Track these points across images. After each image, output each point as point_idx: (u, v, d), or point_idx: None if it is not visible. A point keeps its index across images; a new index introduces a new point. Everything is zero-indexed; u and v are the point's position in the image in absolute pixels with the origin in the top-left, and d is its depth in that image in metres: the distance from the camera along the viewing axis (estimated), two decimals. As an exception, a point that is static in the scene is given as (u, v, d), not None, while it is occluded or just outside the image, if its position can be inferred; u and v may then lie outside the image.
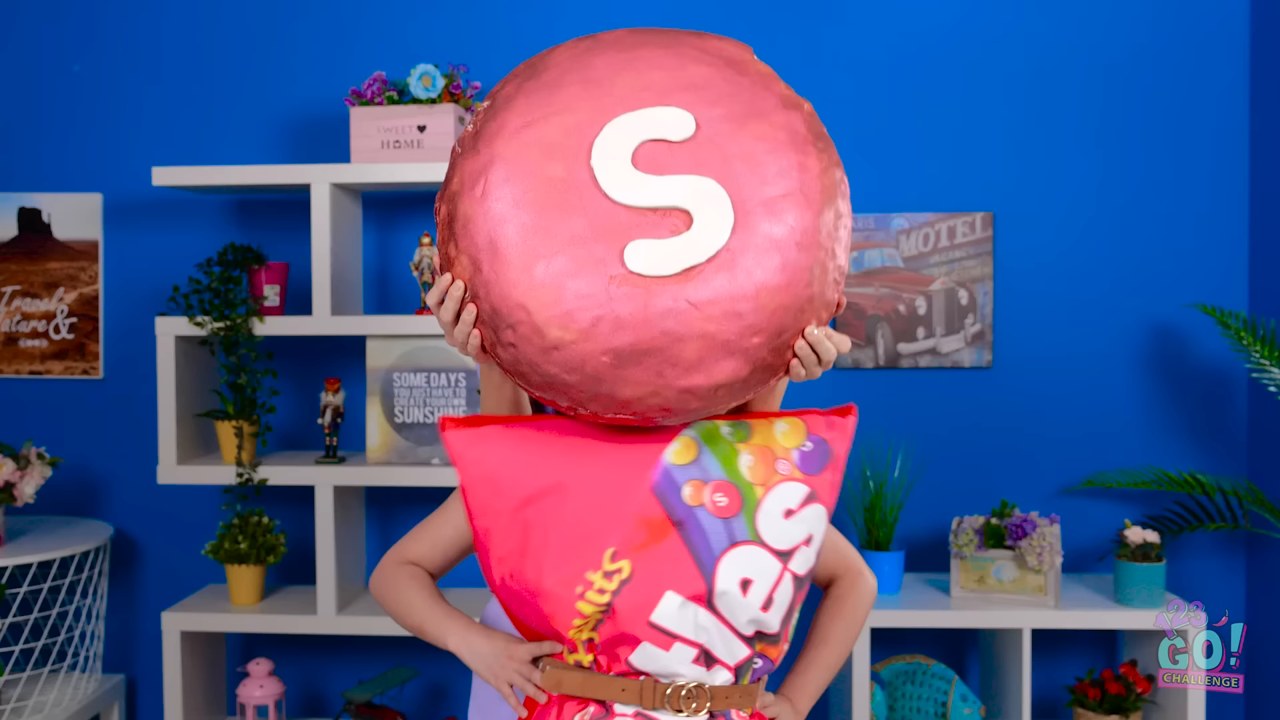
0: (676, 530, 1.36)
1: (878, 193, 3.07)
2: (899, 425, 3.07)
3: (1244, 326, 2.83)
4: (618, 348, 1.28)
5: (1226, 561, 3.07)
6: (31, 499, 2.81)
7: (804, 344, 1.35)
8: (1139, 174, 3.05)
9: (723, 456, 1.39)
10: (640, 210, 1.30)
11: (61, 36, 3.16)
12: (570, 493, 1.37)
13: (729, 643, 1.38)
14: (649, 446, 1.39)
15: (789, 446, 1.42)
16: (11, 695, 2.87)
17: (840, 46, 3.07)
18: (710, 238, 1.28)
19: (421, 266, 2.86)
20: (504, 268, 1.29)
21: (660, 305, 1.27)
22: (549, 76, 1.36)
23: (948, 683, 2.81)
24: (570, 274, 1.28)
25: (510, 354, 1.33)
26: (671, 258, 1.28)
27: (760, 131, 1.33)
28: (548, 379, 1.32)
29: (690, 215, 1.29)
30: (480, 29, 3.11)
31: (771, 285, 1.29)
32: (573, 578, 1.35)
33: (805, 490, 1.41)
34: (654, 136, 1.32)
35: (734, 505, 1.37)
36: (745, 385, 1.34)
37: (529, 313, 1.29)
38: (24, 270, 3.18)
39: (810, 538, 1.41)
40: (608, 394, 1.31)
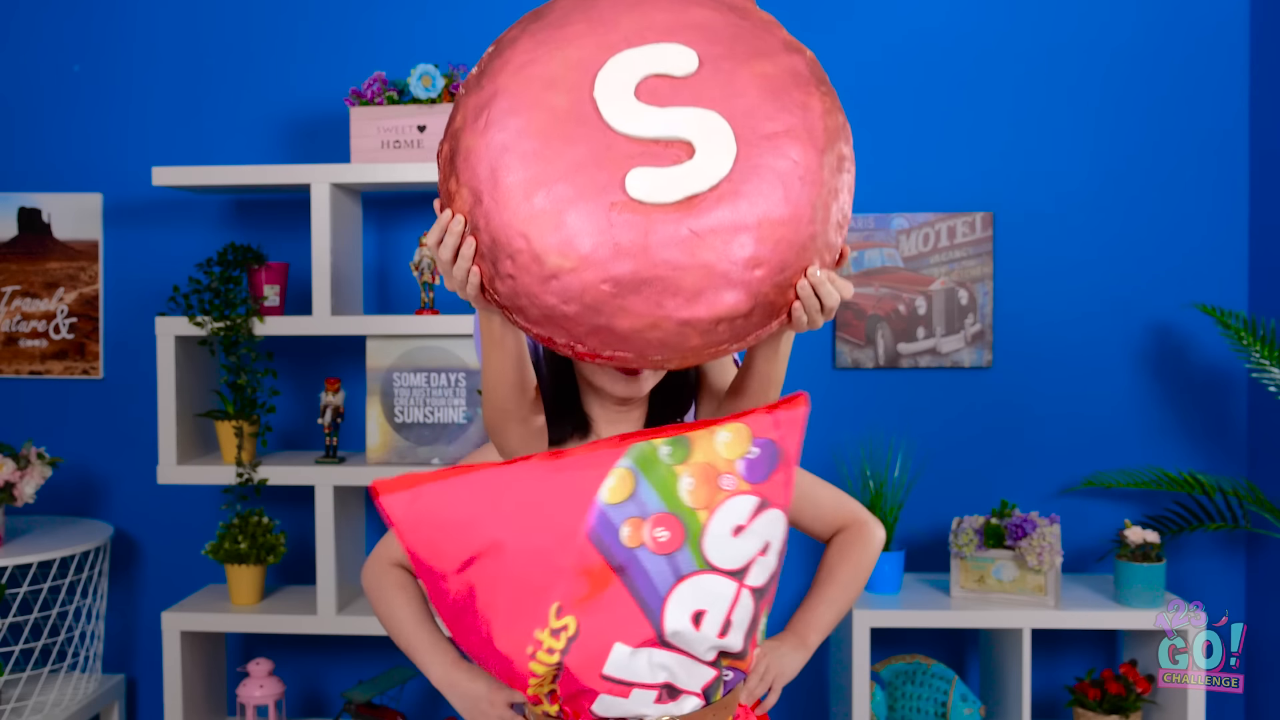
0: (618, 576, 1.30)
1: (878, 193, 3.07)
2: (899, 425, 3.07)
3: (1244, 326, 2.83)
4: (617, 276, 1.26)
5: (1226, 561, 3.07)
6: (31, 499, 2.81)
7: (805, 284, 1.31)
8: (1139, 174, 3.05)
9: (660, 484, 1.32)
10: (642, 140, 1.28)
11: (61, 36, 3.16)
12: (507, 551, 1.31)
13: (692, 671, 1.34)
14: (582, 486, 1.32)
15: (732, 458, 1.35)
16: (11, 695, 2.87)
17: (840, 46, 3.07)
18: (713, 167, 1.27)
19: (421, 266, 2.86)
20: (504, 196, 1.28)
21: (661, 233, 1.26)
22: (554, 17, 1.36)
23: (948, 683, 2.81)
24: (570, 201, 1.26)
25: (509, 285, 1.30)
26: (673, 185, 1.26)
27: (763, 70, 1.32)
28: (546, 311, 1.29)
29: (692, 146, 1.28)
30: (480, 29, 3.11)
31: (774, 217, 1.27)
32: (522, 639, 1.31)
33: (754, 501, 1.34)
34: (657, 71, 1.31)
35: (676, 538, 1.31)
36: (746, 322, 1.31)
37: (528, 240, 1.26)
38: (24, 270, 3.18)
39: (766, 546, 1.36)
40: (606, 325, 1.28)
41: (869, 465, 3.01)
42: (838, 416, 3.08)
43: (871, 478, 2.94)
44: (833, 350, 3.09)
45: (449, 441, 2.86)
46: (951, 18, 3.06)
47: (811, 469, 3.18)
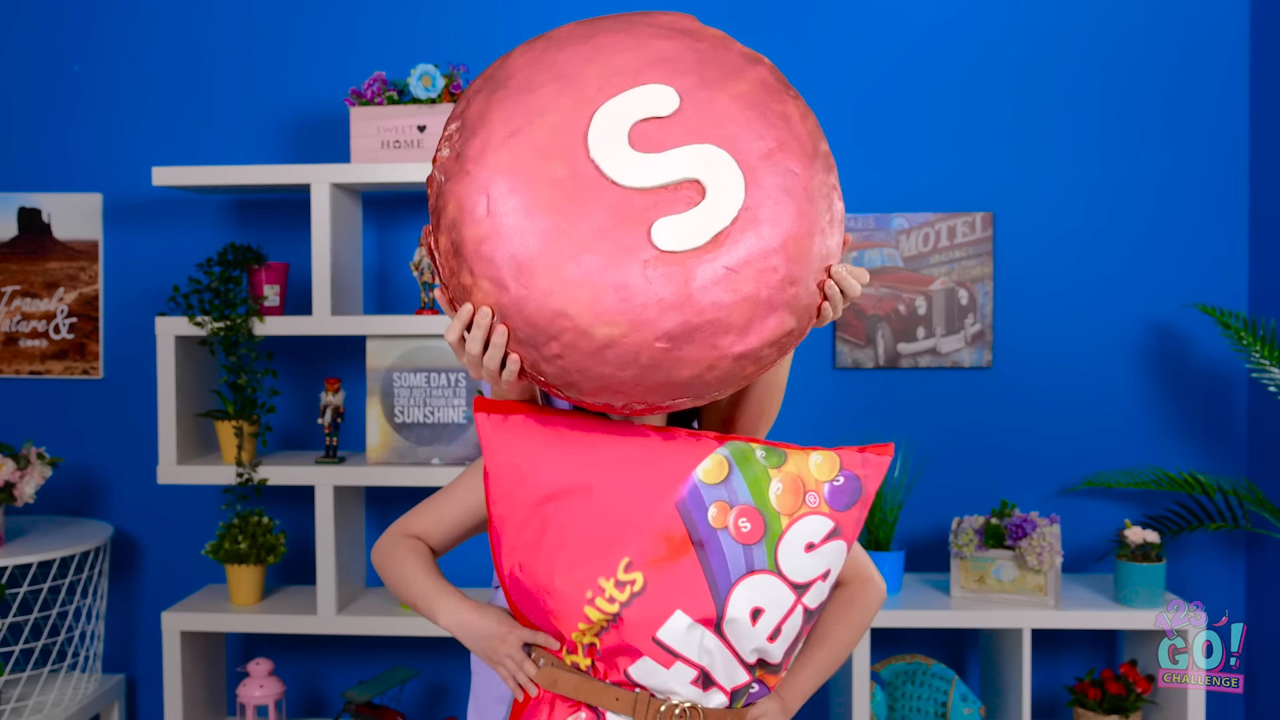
0: (695, 550, 1.34)
1: (878, 193, 3.07)
2: (899, 425, 3.07)
3: (1244, 326, 2.83)
4: (669, 330, 1.26)
5: (1226, 561, 3.07)
6: (31, 499, 2.81)
7: (833, 285, 1.35)
8: (1139, 173, 3.05)
9: (753, 481, 1.37)
10: (653, 190, 1.28)
11: (61, 36, 3.16)
12: (595, 496, 1.35)
13: (730, 668, 1.37)
14: (681, 459, 1.37)
15: (821, 480, 1.40)
16: (11, 695, 2.87)
17: (839, 46, 3.07)
18: (729, 201, 1.28)
19: (421, 266, 2.86)
20: (534, 279, 1.25)
21: (701, 278, 1.26)
22: (516, 82, 1.33)
23: (948, 683, 2.81)
24: (603, 268, 1.25)
25: (558, 366, 1.29)
26: (698, 228, 1.27)
27: (737, 90, 1.34)
28: (601, 381, 1.29)
29: (702, 184, 1.29)
30: (480, 29, 3.11)
31: (796, 233, 1.30)
32: (584, 581, 1.34)
33: (830, 525, 1.38)
34: (643, 116, 1.31)
35: (757, 532, 1.35)
36: (791, 336, 1.34)
37: (571, 318, 1.25)
38: (24, 270, 3.18)
39: (828, 572, 1.39)
40: (665, 379, 1.29)
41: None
42: (838, 416, 3.08)
43: (871, 478, 2.94)
44: (833, 350, 3.09)
45: (449, 441, 2.86)
46: (951, 17, 3.06)
47: (811, 469, 3.18)
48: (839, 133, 3.07)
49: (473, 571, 3.08)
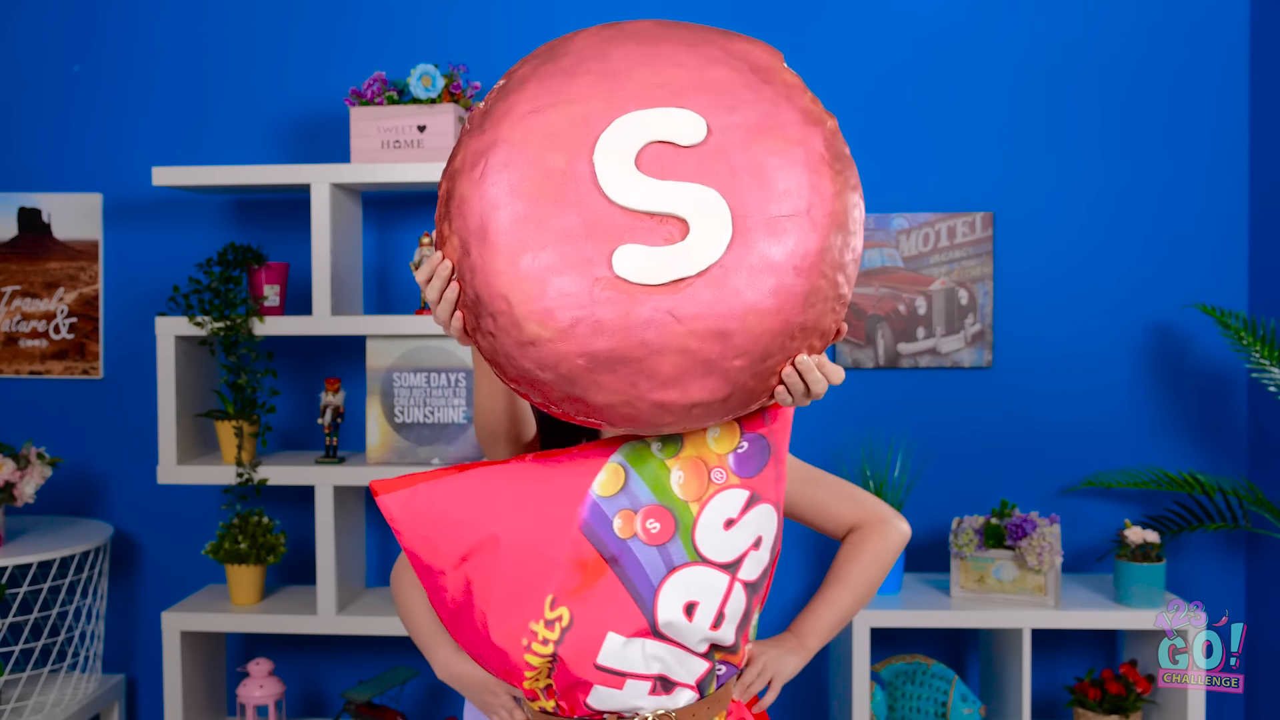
0: (611, 567, 1.32)
1: (878, 193, 3.07)
2: (899, 425, 3.07)
3: (1244, 326, 2.83)
4: (594, 351, 1.24)
5: (1226, 561, 3.07)
6: (31, 499, 2.81)
7: (792, 372, 1.28)
8: (1139, 174, 3.05)
9: (651, 478, 1.34)
10: (636, 213, 1.24)
11: (61, 36, 3.16)
12: (503, 544, 1.33)
13: (685, 663, 1.35)
14: (575, 481, 1.34)
15: (723, 452, 1.37)
16: (11, 695, 2.87)
17: (840, 46, 3.07)
18: (704, 251, 1.23)
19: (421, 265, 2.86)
20: (491, 255, 1.26)
21: (642, 314, 1.22)
22: (566, 63, 1.31)
23: (948, 683, 2.81)
24: (556, 270, 1.24)
25: (488, 342, 1.29)
26: (661, 267, 1.23)
27: (774, 146, 1.26)
28: (522, 373, 1.28)
29: (687, 225, 1.24)
30: (480, 29, 3.11)
31: (761, 308, 1.23)
32: (517, 630, 1.33)
33: (745, 494, 1.36)
34: (662, 138, 1.26)
35: (668, 529, 1.33)
36: (724, 406, 1.29)
37: (510, 304, 1.25)
38: (24, 270, 3.18)
39: (759, 539, 1.37)
40: (580, 397, 1.27)
41: (869, 465, 3.01)
42: (838, 416, 3.08)
43: (871, 478, 2.94)
44: (833, 350, 3.09)
45: (449, 441, 2.86)
46: (951, 17, 3.06)
47: (811, 469, 3.18)
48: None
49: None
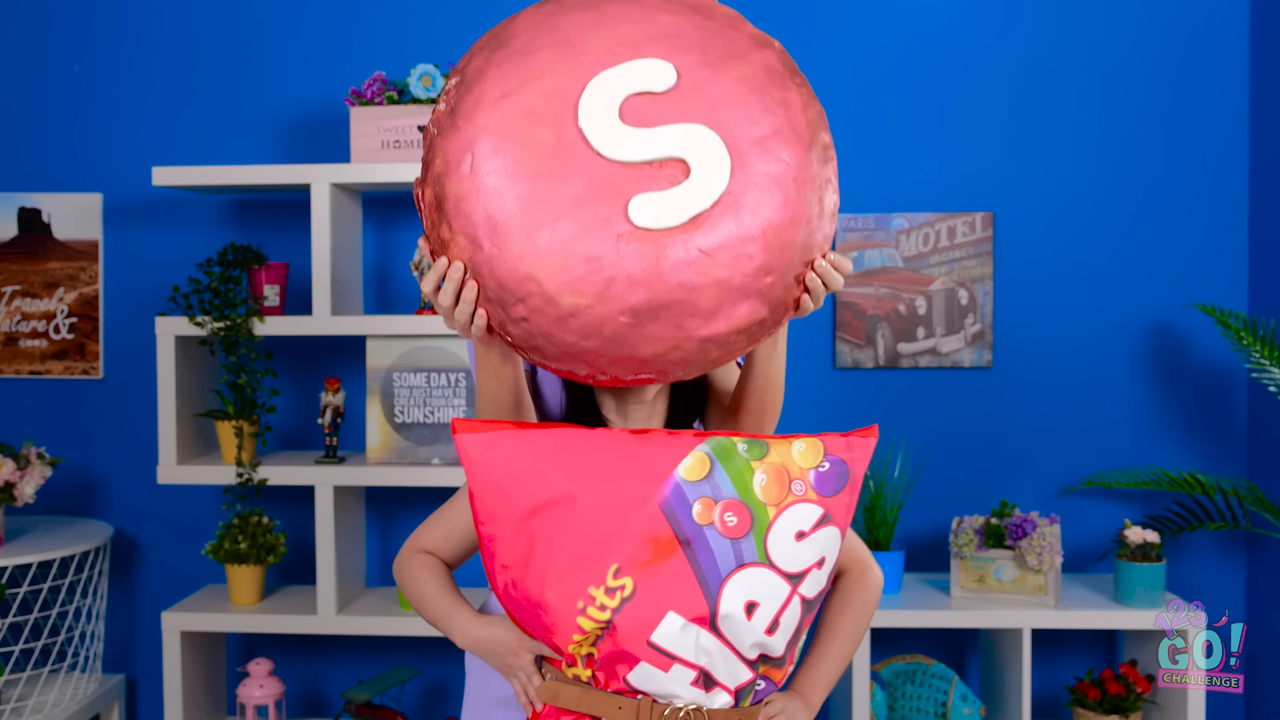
0: (683, 549, 1.33)
1: (878, 193, 3.07)
2: (899, 425, 3.07)
3: (1244, 326, 2.83)
4: (635, 306, 1.25)
5: (1226, 561, 3.07)
6: (31, 499, 2.81)
7: (814, 277, 1.34)
8: (1139, 174, 3.05)
9: (736, 474, 1.36)
10: (637, 165, 1.27)
11: (61, 36, 3.16)
12: (578, 505, 1.34)
13: (731, 665, 1.35)
14: (662, 460, 1.36)
15: (805, 467, 1.38)
16: (11, 695, 2.87)
17: (840, 46, 3.07)
18: (711, 183, 1.27)
19: (421, 267, 2.85)
20: (507, 241, 1.26)
21: (672, 257, 1.25)
22: (518, 44, 1.32)
23: (948, 683, 2.81)
24: (576, 238, 1.25)
25: (523, 329, 1.29)
26: (676, 208, 1.26)
27: (740, 73, 1.32)
28: (565, 348, 1.29)
29: (687, 164, 1.27)
30: (480, 29, 3.11)
31: (777, 223, 1.28)
32: (575, 592, 1.33)
33: (819, 512, 1.37)
34: (638, 90, 1.29)
35: (744, 525, 1.34)
36: (762, 326, 1.33)
37: (539, 283, 1.25)
38: (24, 270, 3.18)
39: (823, 560, 1.38)
40: (629, 355, 1.29)
41: (869, 465, 3.00)
42: (838, 416, 3.08)
43: (871, 478, 2.94)
44: (833, 350, 3.09)
45: (449, 441, 2.85)
46: (951, 18, 3.06)
47: (811, 469, 3.17)
48: (839, 133, 3.07)
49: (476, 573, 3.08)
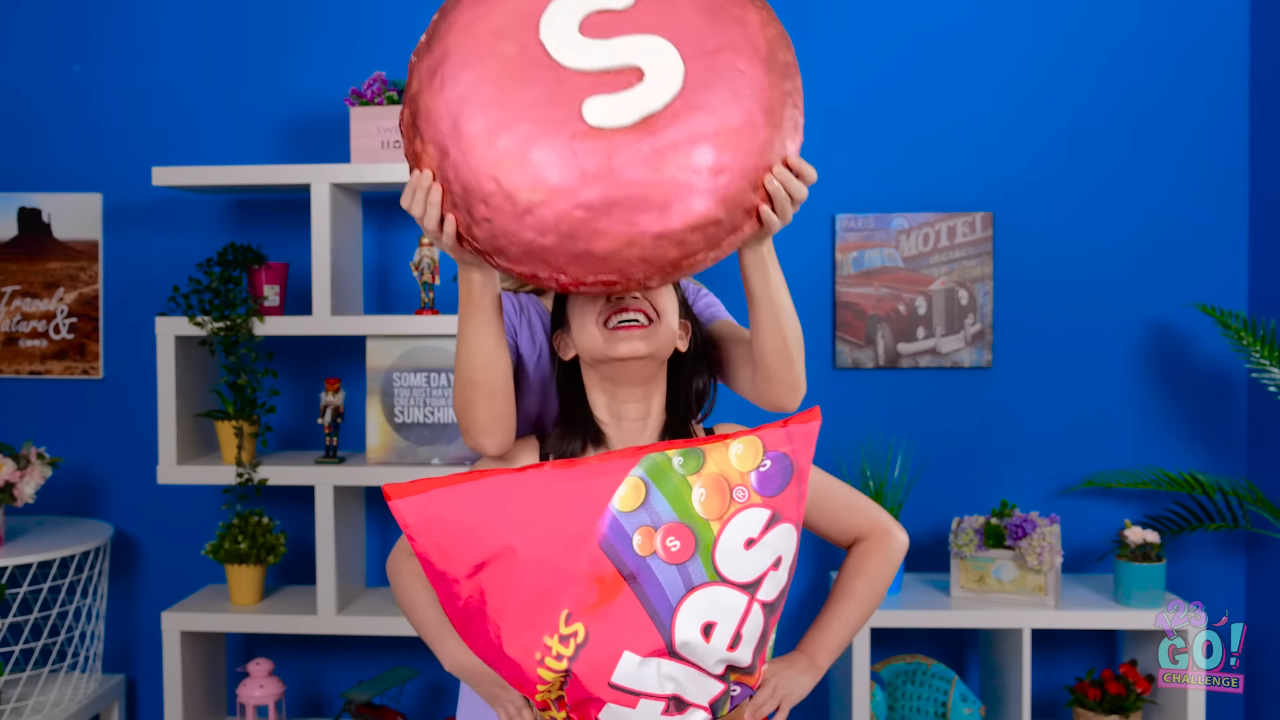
0: (629, 585, 1.30)
1: (878, 193, 3.07)
2: (899, 425, 3.07)
3: (1244, 326, 2.83)
4: (588, 201, 1.31)
5: (1226, 561, 3.07)
6: (31, 499, 2.81)
7: (773, 180, 1.36)
8: (1139, 174, 3.05)
9: (673, 495, 1.32)
10: (594, 73, 1.34)
11: (61, 36, 3.16)
12: (519, 556, 1.31)
13: (700, 684, 1.33)
14: (596, 494, 1.32)
15: (745, 470, 1.36)
16: (11, 695, 2.87)
17: (840, 45, 3.07)
18: (663, 87, 1.33)
19: (421, 266, 2.86)
20: (469, 144, 1.33)
21: (625, 155, 1.31)
22: None
23: (948, 683, 2.81)
24: (533, 138, 1.32)
25: (486, 229, 1.35)
26: (628, 108, 1.32)
27: None
28: (525, 246, 1.34)
29: (641, 70, 1.34)
30: (480, 29, 3.10)
31: (730, 125, 1.33)
32: (531, 644, 1.31)
33: (767, 514, 1.35)
34: (598, 8, 1.37)
35: (688, 548, 1.31)
36: (719, 228, 1.36)
37: (498, 182, 1.32)
38: (24, 270, 3.18)
39: (779, 559, 1.36)
40: (585, 251, 1.33)
41: (869, 465, 3.01)
42: (838, 416, 3.08)
43: (871, 478, 2.94)
44: (833, 350, 3.09)
45: (449, 441, 2.86)
46: (952, 17, 3.06)
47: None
48: (839, 133, 3.07)
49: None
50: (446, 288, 3.02)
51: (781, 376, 1.56)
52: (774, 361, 1.54)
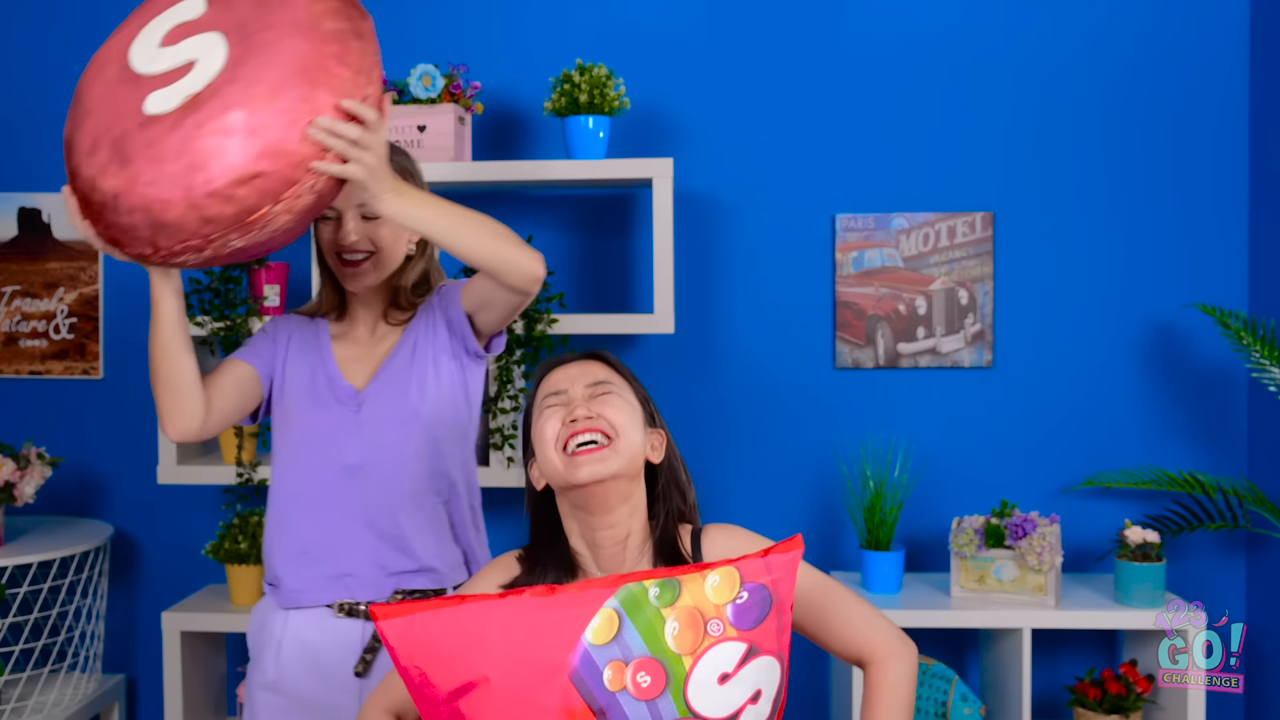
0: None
1: (878, 193, 3.07)
2: (899, 425, 3.07)
3: (1244, 326, 2.83)
4: (153, 178, 1.51)
5: (1226, 561, 3.07)
6: (31, 499, 2.81)
7: (315, 129, 1.51)
8: (1139, 174, 3.05)
9: (646, 628, 1.30)
10: (162, 74, 1.56)
11: (61, 36, 3.16)
12: (494, 687, 1.29)
13: None
14: (570, 624, 1.30)
15: (721, 603, 1.33)
16: (11, 695, 2.87)
17: (839, 45, 3.07)
18: (206, 71, 1.53)
19: (421, 266, 2.85)
20: (77, 158, 1.59)
21: (176, 133, 1.51)
22: (126, 21, 1.68)
23: (948, 683, 2.81)
24: (112, 137, 1.55)
25: (103, 225, 1.58)
26: (175, 95, 1.54)
27: None
28: (125, 231, 1.56)
29: (194, 62, 1.55)
30: (480, 29, 3.11)
31: (261, 91, 1.50)
32: None
33: (743, 647, 1.32)
34: (177, 23, 1.59)
35: (658, 683, 1.29)
36: (269, 179, 1.51)
37: (94, 184, 1.56)
38: (24, 270, 3.18)
39: (758, 693, 1.32)
40: (159, 221, 1.52)
41: (869, 465, 3.01)
42: (838, 416, 3.08)
43: (871, 478, 2.94)
44: (833, 350, 3.09)
45: (449, 441, 2.85)
46: (951, 17, 3.06)
47: (812, 469, 3.19)
48: (839, 133, 3.07)
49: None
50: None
51: (504, 281, 1.72)
52: (491, 274, 1.72)
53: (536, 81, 3.06)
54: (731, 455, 3.10)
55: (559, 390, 1.57)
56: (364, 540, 1.88)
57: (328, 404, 1.90)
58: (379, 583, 1.88)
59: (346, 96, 1.54)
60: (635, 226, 3.12)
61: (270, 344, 1.96)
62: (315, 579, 1.89)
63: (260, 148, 1.50)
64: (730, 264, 3.10)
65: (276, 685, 1.90)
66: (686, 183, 3.08)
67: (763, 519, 3.08)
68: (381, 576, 1.88)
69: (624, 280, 3.12)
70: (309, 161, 1.53)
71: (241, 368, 1.92)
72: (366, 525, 1.88)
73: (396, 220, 1.66)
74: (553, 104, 2.83)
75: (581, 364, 1.61)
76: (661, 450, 1.60)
